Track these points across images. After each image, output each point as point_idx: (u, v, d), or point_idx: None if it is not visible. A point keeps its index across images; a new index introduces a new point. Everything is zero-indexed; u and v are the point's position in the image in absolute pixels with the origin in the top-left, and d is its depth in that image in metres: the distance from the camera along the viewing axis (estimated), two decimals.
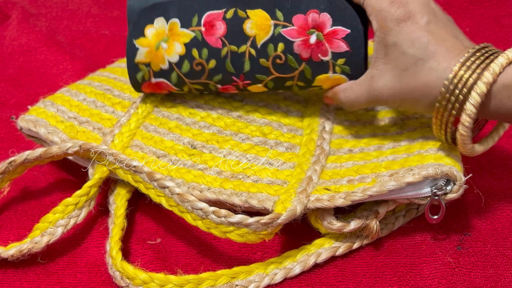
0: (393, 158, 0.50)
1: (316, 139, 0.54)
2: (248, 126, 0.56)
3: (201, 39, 0.52)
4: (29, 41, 0.78)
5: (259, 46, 0.51)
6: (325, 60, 0.50)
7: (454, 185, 0.46)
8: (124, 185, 0.53)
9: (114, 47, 0.79)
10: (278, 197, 0.48)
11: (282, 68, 0.51)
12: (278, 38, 0.51)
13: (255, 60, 0.51)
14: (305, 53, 0.51)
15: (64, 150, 0.51)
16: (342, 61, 0.50)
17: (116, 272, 0.47)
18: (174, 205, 0.48)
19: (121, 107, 0.58)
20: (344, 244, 0.50)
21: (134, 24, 0.53)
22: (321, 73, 0.51)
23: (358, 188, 0.47)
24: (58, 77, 0.73)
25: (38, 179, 0.58)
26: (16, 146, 0.62)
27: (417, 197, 0.47)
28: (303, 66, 0.51)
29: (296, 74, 0.52)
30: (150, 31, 0.53)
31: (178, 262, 0.50)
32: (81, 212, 0.51)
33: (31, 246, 0.49)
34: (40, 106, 0.58)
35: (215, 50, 0.52)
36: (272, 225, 0.45)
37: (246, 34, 0.51)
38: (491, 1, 0.84)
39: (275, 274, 0.48)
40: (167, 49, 0.52)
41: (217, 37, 0.52)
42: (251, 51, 0.51)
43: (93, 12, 0.86)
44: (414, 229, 0.52)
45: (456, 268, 0.48)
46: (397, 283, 0.48)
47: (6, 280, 0.49)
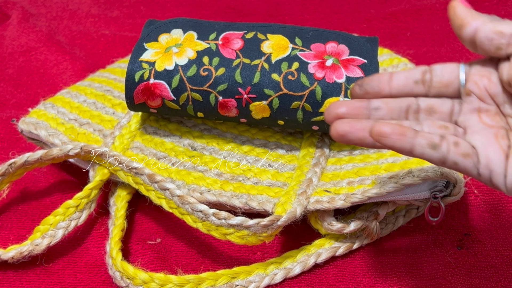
0: (393, 160, 0.50)
1: (316, 142, 0.54)
2: (249, 129, 0.56)
3: (215, 50, 0.52)
4: (29, 41, 0.78)
5: (274, 62, 0.51)
6: (339, 82, 0.50)
7: (453, 187, 0.47)
8: (124, 187, 0.53)
9: (114, 47, 0.79)
10: (278, 199, 0.48)
11: (293, 85, 0.50)
12: (294, 58, 0.51)
13: (266, 73, 0.50)
14: (319, 73, 0.50)
15: (65, 152, 0.51)
16: None
17: (116, 272, 0.47)
18: (174, 207, 0.49)
19: (121, 108, 0.58)
20: (344, 244, 0.50)
21: (149, 32, 0.54)
22: (332, 95, 0.50)
23: (358, 190, 0.47)
24: (58, 77, 0.73)
25: (38, 180, 0.58)
26: (16, 146, 0.62)
27: (416, 199, 0.48)
28: (315, 85, 0.50)
29: (306, 94, 0.50)
30: (164, 37, 0.53)
31: (178, 262, 0.50)
32: (82, 214, 0.51)
33: (32, 248, 0.49)
34: (41, 108, 0.58)
35: (227, 60, 0.51)
36: (272, 227, 0.45)
37: (262, 51, 0.52)
38: (491, 1, 0.84)
39: (275, 274, 0.48)
40: (177, 52, 0.52)
41: (232, 50, 0.52)
42: (264, 65, 0.51)
43: (93, 12, 0.86)
44: (414, 229, 0.52)
45: (456, 268, 0.48)
46: (397, 283, 0.48)
47: (6, 280, 0.49)
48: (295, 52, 0.51)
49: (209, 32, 0.53)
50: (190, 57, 0.52)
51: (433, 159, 0.35)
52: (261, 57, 0.51)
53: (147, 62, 0.52)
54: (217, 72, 0.51)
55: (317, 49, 0.52)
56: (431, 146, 0.35)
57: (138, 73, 0.52)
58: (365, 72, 0.50)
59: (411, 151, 0.35)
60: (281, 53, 0.51)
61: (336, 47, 0.52)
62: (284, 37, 0.53)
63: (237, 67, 0.51)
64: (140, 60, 0.52)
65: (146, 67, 0.52)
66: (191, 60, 0.51)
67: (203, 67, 0.51)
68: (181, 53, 0.52)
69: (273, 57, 0.51)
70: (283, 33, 0.53)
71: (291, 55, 0.51)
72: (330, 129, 0.37)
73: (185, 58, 0.51)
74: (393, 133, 0.35)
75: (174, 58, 0.52)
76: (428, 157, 0.35)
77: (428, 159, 0.35)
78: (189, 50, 0.52)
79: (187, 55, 0.52)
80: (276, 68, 0.50)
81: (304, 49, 0.52)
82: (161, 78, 0.51)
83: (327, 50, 0.52)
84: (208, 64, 0.51)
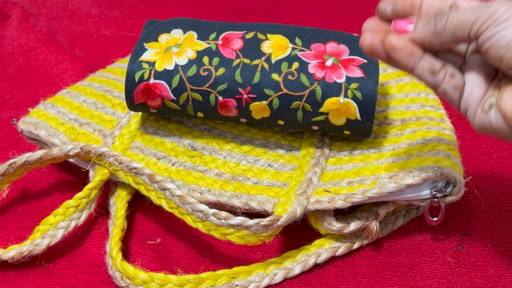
0: (393, 160, 0.50)
1: (316, 142, 0.54)
2: (249, 129, 0.56)
3: (215, 50, 0.52)
4: (29, 41, 0.78)
5: (273, 62, 0.51)
6: (339, 82, 0.50)
7: (454, 187, 0.47)
8: (124, 187, 0.53)
9: (114, 47, 0.79)
10: (278, 199, 0.48)
11: (293, 85, 0.50)
12: (294, 58, 0.51)
13: (266, 73, 0.50)
14: (319, 73, 0.50)
15: (65, 152, 0.51)
16: (355, 86, 0.50)
17: (116, 272, 0.47)
18: (174, 207, 0.49)
19: (121, 108, 0.58)
20: (344, 244, 0.50)
21: (149, 32, 0.54)
22: (332, 95, 0.50)
23: (358, 190, 0.47)
24: (58, 77, 0.73)
25: (38, 180, 0.58)
26: (16, 146, 0.62)
27: (416, 199, 0.47)
28: (315, 85, 0.50)
29: (306, 94, 0.50)
30: (164, 37, 0.53)
31: (178, 262, 0.50)
32: (82, 214, 0.51)
33: (32, 248, 0.49)
34: (41, 108, 0.58)
35: (227, 60, 0.51)
36: (272, 227, 0.45)
37: (262, 51, 0.52)
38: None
39: (275, 274, 0.48)
40: (177, 52, 0.52)
41: (232, 50, 0.52)
42: (264, 65, 0.51)
43: (93, 12, 0.86)
44: (414, 229, 0.52)
45: (456, 268, 0.48)
46: (397, 283, 0.48)
47: (6, 280, 0.49)
48: (295, 52, 0.51)
49: (209, 32, 0.53)
50: (190, 57, 0.52)
51: (428, 82, 0.39)
52: (261, 57, 0.51)
53: (147, 62, 0.52)
54: (217, 72, 0.51)
55: (317, 49, 0.52)
56: (431, 71, 0.38)
57: (138, 73, 0.52)
58: (365, 72, 0.50)
59: (412, 70, 0.39)
60: (281, 53, 0.51)
61: (336, 47, 0.52)
62: (284, 37, 0.53)
63: (237, 67, 0.51)
64: (140, 60, 0.52)
65: (146, 67, 0.52)
66: (191, 60, 0.51)
67: (203, 67, 0.51)
68: (181, 53, 0.52)
69: (273, 57, 0.51)
70: (283, 33, 0.53)
71: (291, 55, 0.51)
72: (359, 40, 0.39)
73: (185, 58, 0.51)
74: (403, 49, 0.38)
75: (174, 58, 0.52)
76: (424, 79, 0.39)
77: (423, 80, 0.39)
78: (189, 50, 0.52)
79: (187, 55, 0.52)
80: (276, 68, 0.50)
81: (304, 49, 0.52)
82: (161, 78, 0.51)
83: (327, 50, 0.52)
84: (208, 64, 0.51)
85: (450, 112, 0.57)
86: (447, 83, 0.39)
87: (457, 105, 0.39)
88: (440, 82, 0.39)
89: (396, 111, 0.57)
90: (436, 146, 0.50)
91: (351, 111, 0.50)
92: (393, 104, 0.58)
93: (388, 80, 0.60)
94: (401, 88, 0.59)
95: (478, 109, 0.38)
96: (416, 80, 0.59)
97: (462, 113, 0.39)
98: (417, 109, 0.56)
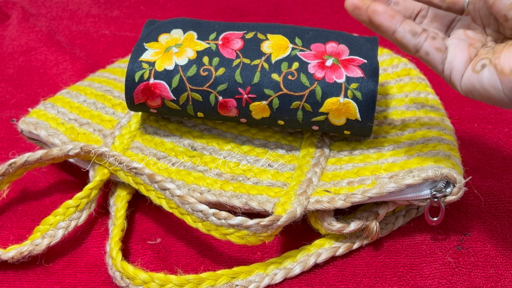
0: (393, 160, 0.50)
1: (316, 142, 0.54)
2: (249, 129, 0.56)
3: (215, 50, 0.52)
4: (29, 41, 0.78)
5: (273, 62, 0.51)
6: (339, 82, 0.50)
7: (453, 187, 0.47)
8: (124, 187, 0.53)
9: (114, 47, 0.79)
10: (278, 199, 0.48)
11: (293, 85, 0.50)
12: (294, 58, 0.51)
13: (266, 73, 0.50)
14: (319, 73, 0.50)
15: (65, 152, 0.51)
16: (355, 86, 0.50)
17: (116, 272, 0.47)
18: (174, 207, 0.49)
19: (121, 108, 0.58)
20: (344, 244, 0.50)
21: (149, 32, 0.54)
22: (332, 95, 0.50)
23: (358, 190, 0.47)
24: (58, 77, 0.73)
25: (38, 180, 0.58)
26: (16, 146, 0.62)
27: (416, 199, 0.47)
28: (315, 85, 0.50)
29: (306, 94, 0.50)
30: (164, 37, 0.53)
31: (178, 262, 0.50)
32: (82, 214, 0.51)
33: (32, 248, 0.49)
34: (41, 108, 0.58)
35: (227, 60, 0.51)
36: (272, 227, 0.45)
37: (262, 51, 0.52)
38: None
39: (275, 274, 0.48)
40: (177, 52, 0.52)
41: (231, 50, 0.52)
42: (264, 65, 0.51)
43: (93, 12, 0.86)
44: (414, 229, 0.52)
45: (456, 268, 0.48)
46: (397, 283, 0.48)
47: (6, 280, 0.49)
48: (295, 52, 0.51)
49: (209, 32, 0.53)
50: (190, 57, 0.52)
51: (409, 45, 0.40)
52: (261, 57, 0.51)
53: (147, 62, 0.52)
54: (217, 72, 0.51)
55: (317, 49, 0.52)
56: (412, 32, 0.40)
57: (138, 73, 0.52)
58: (365, 72, 0.50)
59: (393, 34, 0.40)
60: (281, 53, 0.51)
61: (336, 47, 0.52)
62: (284, 37, 0.53)
63: (237, 67, 0.51)
64: (140, 60, 0.52)
65: (146, 67, 0.52)
66: (191, 60, 0.51)
67: (203, 67, 0.51)
68: (181, 53, 0.52)
69: (273, 57, 0.51)
70: (283, 33, 0.53)
71: (291, 55, 0.51)
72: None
73: (185, 58, 0.52)
74: (384, 12, 0.40)
75: (174, 58, 0.52)
76: (406, 42, 0.40)
77: (405, 44, 0.40)
78: (189, 50, 0.52)
79: (187, 55, 0.52)
80: (276, 68, 0.50)
81: (304, 49, 0.52)
82: (161, 78, 0.51)
83: (327, 50, 0.52)
84: (208, 64, 0.51)
85: (450, 112, 0.57)
86: (429, 44, 0.40)
87: (440, 68, 0.40)
88: (422, 43, 0.40)
89: (396, 111, 0.57)
90: (436, 146, 0.50)
91: (351, 111, 0.50)
92: (393, 104, 0.58)
93: (388, 80, 0.60)
94: (401, 88, 0.59)
95: (468, 69, 0.39)
96: (416, 80, 0.59)
97: (446, 76, 0.40)
98: (417, 109, 0.56)
